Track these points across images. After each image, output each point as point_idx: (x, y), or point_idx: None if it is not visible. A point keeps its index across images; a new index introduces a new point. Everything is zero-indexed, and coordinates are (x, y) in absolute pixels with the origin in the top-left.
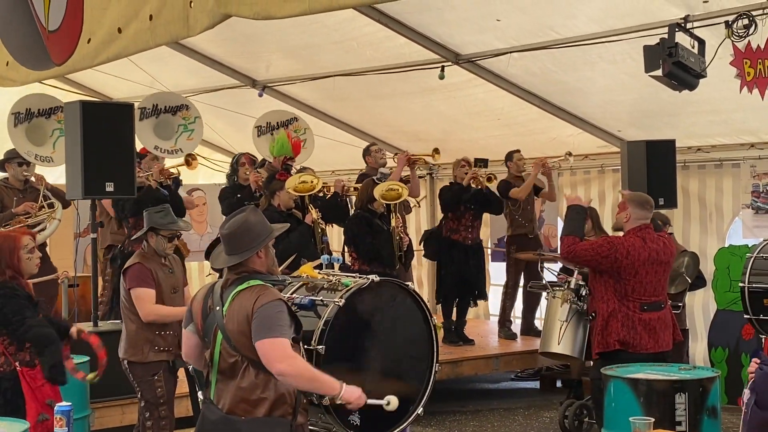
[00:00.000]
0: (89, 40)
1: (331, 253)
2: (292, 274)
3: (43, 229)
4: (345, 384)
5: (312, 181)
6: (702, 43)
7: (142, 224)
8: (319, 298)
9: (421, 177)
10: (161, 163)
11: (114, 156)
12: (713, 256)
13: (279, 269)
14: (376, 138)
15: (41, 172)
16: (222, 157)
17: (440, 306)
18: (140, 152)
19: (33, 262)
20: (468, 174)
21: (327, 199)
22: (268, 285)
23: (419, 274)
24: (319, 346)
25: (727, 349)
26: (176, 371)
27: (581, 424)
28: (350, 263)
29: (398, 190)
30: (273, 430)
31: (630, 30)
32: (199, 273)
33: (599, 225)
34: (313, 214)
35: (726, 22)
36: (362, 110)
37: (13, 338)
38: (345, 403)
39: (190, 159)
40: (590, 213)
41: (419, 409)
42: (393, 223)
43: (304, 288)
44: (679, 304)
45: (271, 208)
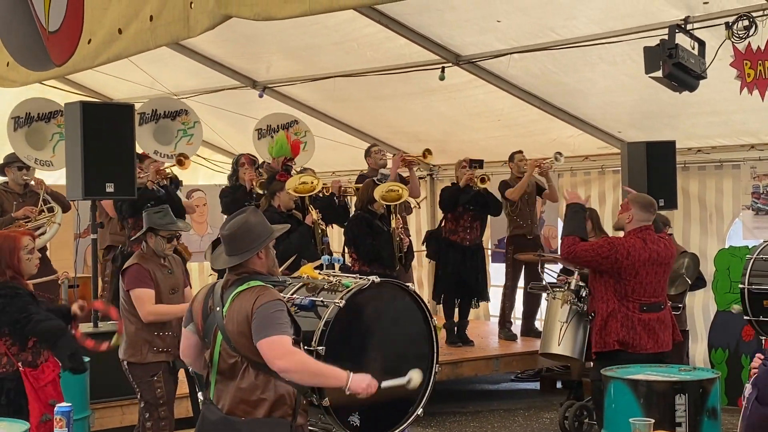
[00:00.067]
0: (89, 40)
1: (331, 253)
2: (293, 275)
3: (43, 233)
4: (352, 373)
5: (312, 182)
6: (702, 44)
7: (141, 225)
8: (320, 298)
9: (421, 178)
10: (158, 164)
11: (114, 157)
12: (713, 257)
13: (279, 270)
14: (376, 139)
15: (41, 176)
16: (222, 158)
17: (441, 307)
18: (141, 155)
19: (33, 263)
20: (465, 175)
21: (323, 199)
22: (268, 286)
23: (419, 275)
24: (319, 347)
25: (727, 351)
26: (176, 372)
27: (581, 425)
28: (350, 264)
29: (398, 191)
30: (273, 431)
31: (630, 31)
32: (200, 274)
33: (599, 226)
34: (314, 214)
35: (726, 24)
36: (362, 111)
37: (17, 338)
38: (355, 394)
39: (183, 158)
40: (590, 214)
41: (419, 410)
42: (393, 224)
43: (305, 289)
44: (680, 305)
45: (272, 209)
